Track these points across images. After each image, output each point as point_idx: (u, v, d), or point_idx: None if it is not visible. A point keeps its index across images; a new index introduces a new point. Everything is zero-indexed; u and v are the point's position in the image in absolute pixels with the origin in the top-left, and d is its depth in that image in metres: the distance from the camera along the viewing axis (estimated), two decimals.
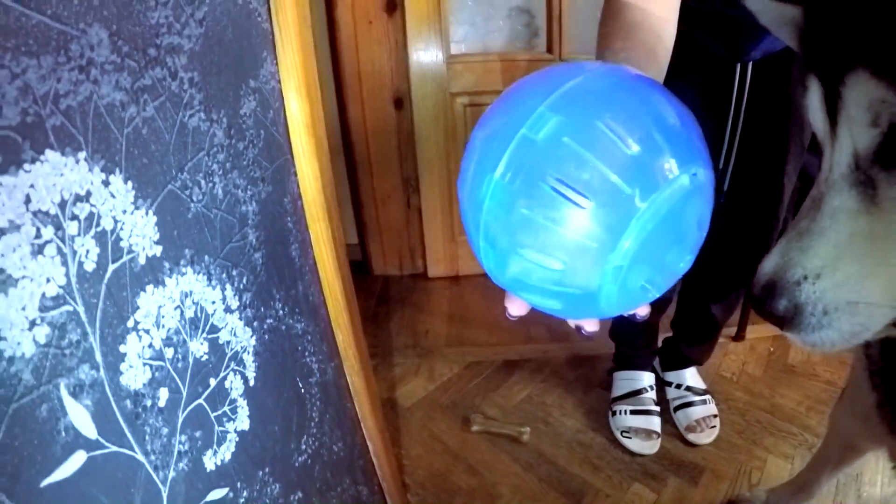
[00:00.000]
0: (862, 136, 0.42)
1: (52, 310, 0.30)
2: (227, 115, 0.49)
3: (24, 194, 0.28)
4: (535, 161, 0.34)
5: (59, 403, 0.30)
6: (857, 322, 0.44)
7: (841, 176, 0.44)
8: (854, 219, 0.43)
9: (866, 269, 0.43)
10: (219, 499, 0.48)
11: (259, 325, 0.55)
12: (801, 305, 0.43)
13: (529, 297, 0.40)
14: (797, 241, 0.45)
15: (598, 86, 0.36)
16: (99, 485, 0.34)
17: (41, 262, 0.29)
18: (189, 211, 0.43)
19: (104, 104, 0.34)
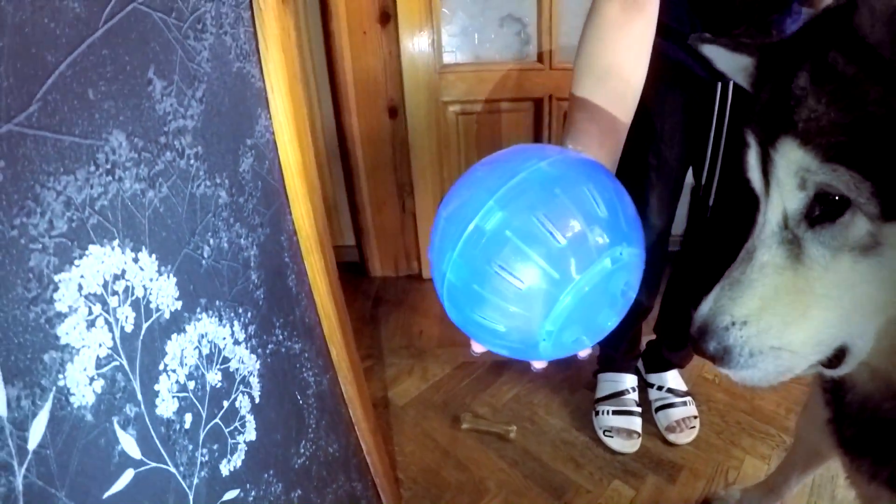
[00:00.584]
0: (790, 198, 0.48)
1: (105, 366, 0.41)
2: (228, 177, 0.59)
3: (77, 284, 0.38)
4: (483, 248, 0.44)
5: (112, 435, 0.41)
6: (780, 364, 0.50)
7: (771, 233, 0.51)
8: (779, 274, 0.50)
9: (788, 319, 0.49)
10: (232, 498, 0.59)
11: (262, 352, 0.66)
12: (730, 348, 0.50)
13: (484, 344, 0.51)
14: (728, 290, 0.52)
15: (540, 180, 0.46)
16: (143, 494, 0.45)
17: (94, 333, 0.40)
18: (202, 267, 0.54)
19: (128, 196, 0.43)
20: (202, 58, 0.55)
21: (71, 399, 0.37)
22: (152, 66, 0.47)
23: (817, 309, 0.49)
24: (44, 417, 0.35)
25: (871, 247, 0.45)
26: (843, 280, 0.47)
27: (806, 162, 0.45)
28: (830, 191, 0.45)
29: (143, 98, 0.46)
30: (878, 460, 0.61)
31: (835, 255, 0.47)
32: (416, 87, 1.76)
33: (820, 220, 0.47)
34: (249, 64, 0.66)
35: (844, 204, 0.45)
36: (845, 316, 0.49)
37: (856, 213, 0.44)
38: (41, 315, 0.35)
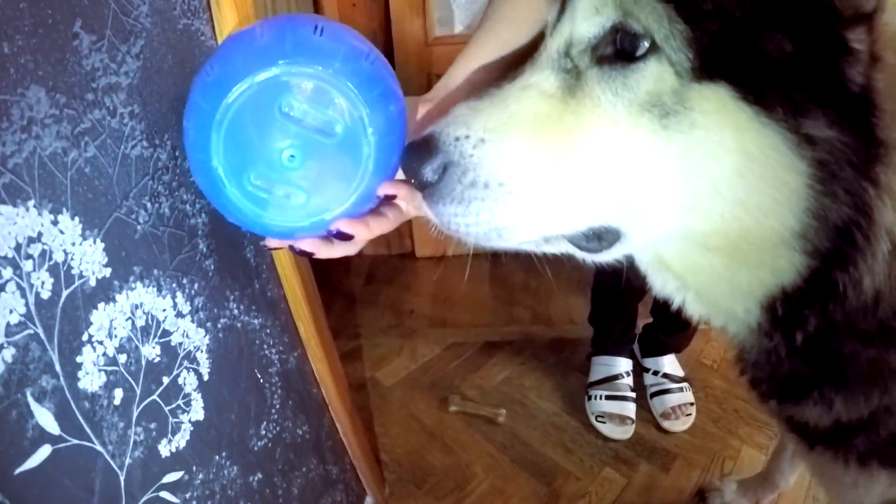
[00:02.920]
0: (580, 21, 0.40)
1: (16, 334, 0.39)
2: (170, 138, 0.57)
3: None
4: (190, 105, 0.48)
5: (26, 408, 0.40)
6: (500, 214, 0.40)
7: (548, 58, 0.43)
8: (544, 99, 0.41)
9: (538, 155, 0.40)
10: (174, 481, 0.58)
11: (213, 326, 0.65)
12: (451, 166, 0.40)
13: (228, 217, 0.52)
14: (473, 102, 0.43)
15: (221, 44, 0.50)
16: (63, 471, 0.44)
17: (3, 298, 0.38)
18: (136, 233, 0.52)
19: (47, 155, 0.42)
20: (140, 12, 0.53)
21: None
22: (79, 20, 0.45)
23: (583, 162, 0.40)
24: None
25: (675, 113, 0.37)
26: (632, 148, 0.39)
27: None
28: (632, 24, 0.37)
29: (68, 53, 0.44)
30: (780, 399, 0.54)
31: (629, 113, 0.38)
32: (405, 60, 1.73)
33: (612, 59, 0.39)
34: (199, 21, 0.64)
35: (648, 47, 0.37)
36: (621, 192, 0.40)
37: (661, 62, 0.37)
38: None
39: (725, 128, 0.36)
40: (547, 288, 1.80)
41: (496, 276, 1.90)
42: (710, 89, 0.36)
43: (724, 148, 0.37)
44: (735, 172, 0.37)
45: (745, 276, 0.43)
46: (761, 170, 0.37)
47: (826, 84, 0.35)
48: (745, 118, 0.35)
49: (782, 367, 0.49)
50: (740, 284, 0.44)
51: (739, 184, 0.38)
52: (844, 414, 0.48)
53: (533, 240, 0.43)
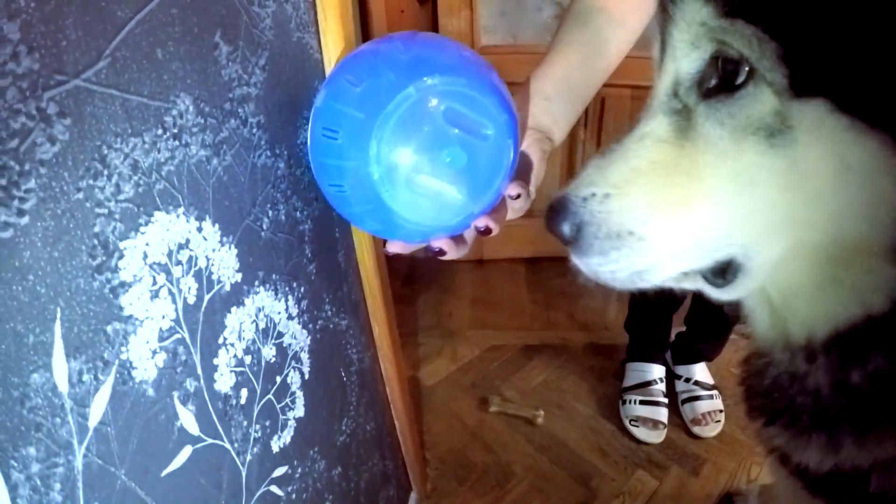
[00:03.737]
0: (682, 59, 0.39)
1: (167, 339, 0.37)
2: (287, 148, 0.56)
3: (142, 252, 0.35)
4: (315, 123, 0.48)
5: (173, 411, 0.38)
6: (638, 259, 0.41)
7: (658, 103, 0.42)
8: (659, 147, 0.40)
9: (661, 201, 0.40)
10: (281, 475, 0.56)
11: (313, 327, 0.63)
12: (584, 224, 0.41)
13: (361, 225, 0.51)
14: (598, 160, 0.42)
15: (351, 55, 0.49)
16: (200, 470, 0.42)
17: (157, 304, 0.36)
18: (261, 239, 0.50)
19: (194, 163, 0.40)
20: (265, 25, 0.51)
21: (133, 373, 0.34)
22: (219, 29, 0.44)
23: (703, 200, 0.39)
24: (105, 393, 0.32)
25: (779, 132, 0.35)
26: (743, 172, 0.37)
27: (702, 15, 0.36)
28: (728, 52, 0.36)
29: (210, 62, 0.43)
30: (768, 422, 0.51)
31: (735, 140, 0.37)
32: None
33: (716, 91, 0.37)
34: (308, 34, 0.62)
35: (746, 72, 0.35)
36: (739, 220, 0.39)
37: (759, 84, 0.35)
38: (105, 284, 0.32)
39: (824, 141, 0.34)
40: (582, 293, 1.76)
41: (533, 281, 1.87)
42: (809, 105, 0.34)
43: (824, 160, 0.35)
44: (836, 182, 0.35)
45: (835, 296, 0.40)
46: (859, 179, 0.34)
47: None
48: (842, 129, 0.33)
49: (805, 397, 0.46)
50: (822, 305, 0.41)
51: (840, 193, 0.36)
52: (847, 461, 0.44)
53: (671, 277, 0.43)
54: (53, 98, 0.28)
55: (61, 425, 0.28)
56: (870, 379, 0.40)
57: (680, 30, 0.38)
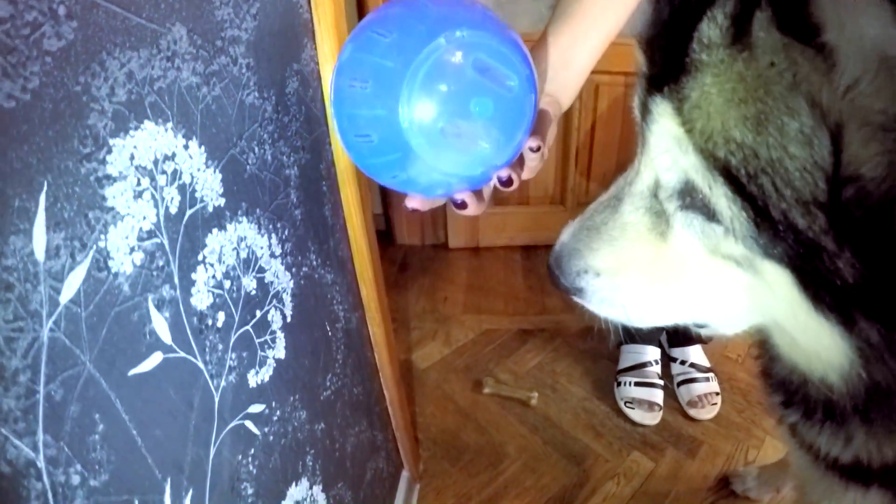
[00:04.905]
0: (661, 171, 0.42)
1: (146, 241, 0.40)
2: (275, 94, 0.59)
3: (130, 153, 0.38)
4: (341, 76, 0.49)
5: (146, 313, 0.40)
6: (631, 317, 0.49)
7: (639, 194, 0.46)
8: (639, 244, 0.46)
9: (643, 289, 0.47)
10: (257, 412, 0.58)
11: (296, 272, 0.65)
12: (582, 290, 0.49)
13: (385, 176, 0.51)
14: (586, 236, 0.49)
15: (378, 11, 0.50)
16: (170, 381, 0.44)
17: (140, 204, 0.39)
18: (246, 171, 0.53)
19: (184, 86, 0.44)
20: None
21: (110, 263, 0.36)
22: None
23: (677, 292, 0.46)
24: (80, 273, 0.34)
25: (746, 266, 0.39)
26: (713, 279, 0.42)
27: (683, 145, 0.36)
28: (702, 196, 0.37)
29: (204, 2, 0.47)
30: (783, 403, 0.57)
31: (709, 254, 0.41)
32: None
33: (693, 206, 0.40)
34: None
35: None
36: (710, 306, 0.46)
37: (729, 234, 0.37)
38: (92, 173, 0.34)
39: (784, 297, 0.38)
40: None
41: (528, 268, 1.89)
42: (776, 268, 0.36)
43: (783, 304, 0.39)
44: (791, 319, 0.40)
45: (806, 359, 0.46)
46: (810, 333, 0.39)
47: (887, 304, 0.33)
48: (801, 301, 0.37)
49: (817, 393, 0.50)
50: (804, 360, 0.47)
51: (796, 326, 0.41)
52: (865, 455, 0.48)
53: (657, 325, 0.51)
54: (64, 2, 0.32)
55: (32, 292, 0.30)
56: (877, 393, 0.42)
57: (657, 145, 0.40)
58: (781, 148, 0.30)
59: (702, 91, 0.34)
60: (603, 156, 1.89)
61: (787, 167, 0.31)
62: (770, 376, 0.60)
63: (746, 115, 0.32)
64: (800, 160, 0.30)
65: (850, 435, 0.49)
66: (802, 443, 0.56)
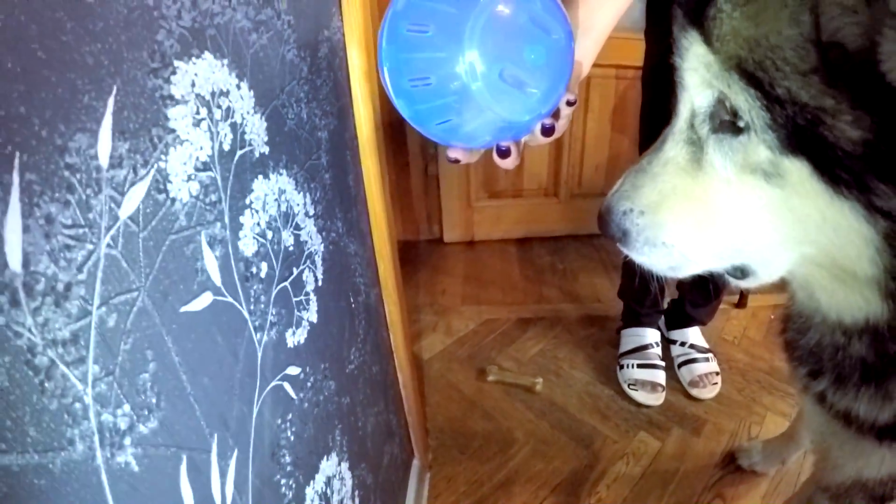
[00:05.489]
0: (696, 94, 0.45)
1: (202, 172, 0.38)
2: (310, 55, 0.58)
3: (191, 80, 0.36)
4: (396, 22, 0.48)
5: (199, 248, 0.39)
6: (671, 260, 0.50)
7: (679, 129, 0.49)
8: (679, 175, 0.48)
9: (682, 222, 0.48)
10: (294, 374, 0.56)
11: (326, 235, 0.64)
12: (627, 232, 0.50)
13: (434, 122, 0.51)
14: (633, 177, 0.51)
15: None
16: (218, 326, 0.42)
17: (198, 133, 0.37)
18: (286, 125, 0.52)
19: (238, 27, 0.43)
20: None
21: (168, 187, 0.35)
22: None
23: (713, 221, 0.47)
24: (142, 189, 0.32)
25: (773, 175, 0.41)
26: (744, 200, 0.44)
27: (707, 60, 0.42)
28: (729, 102, 0.42)
29: None
30: (811, 374, 0.59)
31: (738, 173, 0.43)
32: None
33: (724, 127, 0.44)
34: None
35: (745, 122, 0.41)
36: (744, 238, 0.47)
37: (754, 135, 0.41)
38: (157, 89, 0.33)
39: (807, 195, 0.40)
40: (573, 269, 1.79)
41: (524, 259, 1.89)
42: (795, 163, 0.39)
43: (808, 208, 0.41)
44: (819, 226, 0.42)
45: (844, 295, 0.47)
46: (836, 230, 0.40)
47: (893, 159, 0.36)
48: (821, 190, 0.39)
49: (847, 361, 0.52)
50: (839, 301, 0.48)
51: (823, 232, 0.42)
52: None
53: (699, 272, 0.52)
54: None
55: (93, 197, 0.28)
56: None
57: (689, 69, 0.44)
58: (776, 32, 0.36)
59: (718, 8, 0.40)
60: (595, 148, 1.91)
61: (783, 46, 0.36)
62: (795, 349, 0.62)
63: (749, 14, 0.38)
64: (792, 38, 0.36)
65: (889, 394, 0.50)
66: (832, 410, 0.57)
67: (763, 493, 1.12)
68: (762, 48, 0.37)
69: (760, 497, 1.11)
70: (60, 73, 0.26)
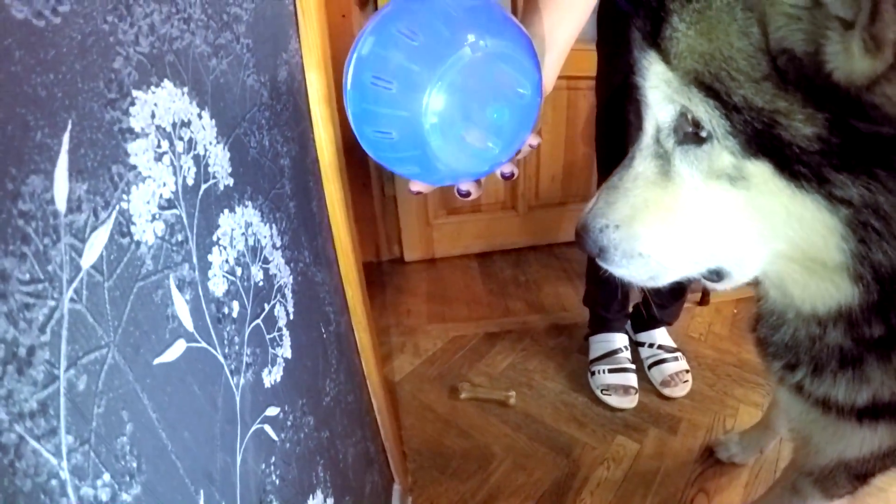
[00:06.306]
0: (658, 110, 0.48)
1: (167, 210, 0.36)
2: (269, 80, 0.56)
3: (151, 110, 0.34)
4: (361, 69, 0.47)
5: (168, 292, 0.36)
6: (649, 270, 0.51)
7: (646, 146, 0.51)
8: (649, 188, 0.50)
9: (656, 232, 0.50)
10: (274, 415, 0.53)
11: (294, 266, 0.61)
12: (605, 248, 0.52)
13: (397, 168, 0.51)
14: (606, 195, 0.53)
15: (400, 7, 0.49)
16: (194, 375, 0.39)
17: (160, 168, 0.35)
18: (248, 154, 0.49)
19: (197, 53, 0.40)
20: None
21: (132, 229, 0.32)
22: None
23: (686, 228, 0.49)
24: (103, 235, 0.29)
25: (739, 179, 0.43)
26: (713, 205, 0.46)
27: (667, 77, 0.44)
28: (690, 114, 0.44)
29: None
30: (787, 367, 0.62)
31: (705, 180, 0.45)
32: None
33: (687, 139, 0.46)
34: None
35: (707, 131, 0.43)
36: (717, 241, 0.48)
37: (716, 143, 0.43)
38: (116, 122, 0.30)
39: (771, 193, 0.42)
40: (536, 280, 1.80)
41: (487, 273, 1.89)
42: (757, 165, 0.41)
43: (773, 205, 0.43)
44: (785, 221, 0.43)
45: (816, 286, 0.49)
46: (802, 223, 0.42)
47: (851, 151, 0.38)
48: (784, 187, 0.41)
49: (824, 350, 0.54)
50: (812, 292, 0.50)
51: (790, 226, 0.44)
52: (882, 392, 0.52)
53: (677, 279, 0.53)
54: None
55: (52, 247, 0.25)
56: (887, 330, 0.47)
57: (651, 88, 0.47)
58: (728, 45, 0.39)
59: (673, 28, 0.42)
60: (551, 159, 1.94)
61: (735, 57, 0.39)
62: (769, 345, 0.64)
63: (702, 31, 0.40)
64: (743, 49, 0.38)
65: (866, 377, 0.52)
66: (811, 398, 0.59)
67: (745, 483, 1.14)
68: (717, 61, 0.40)
69: (742, 487, 1.13)
70: (10, 108, 0.23)
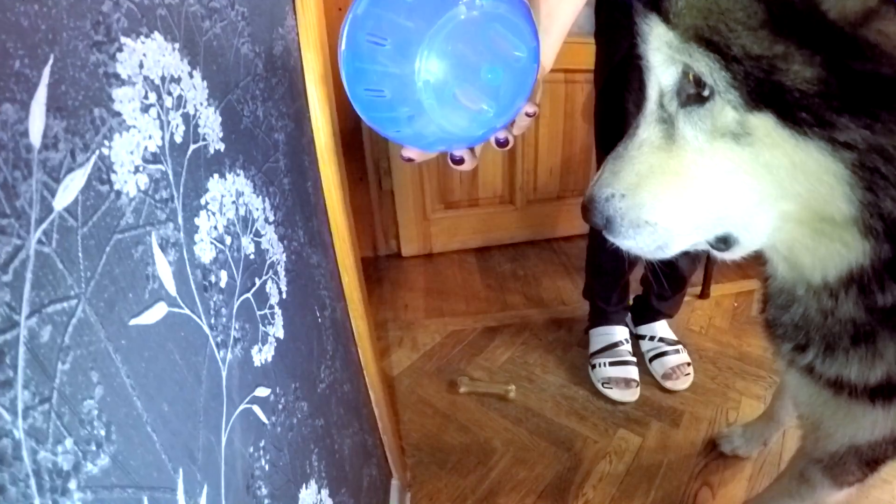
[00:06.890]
0: (661, 74, 0.47)
1: (151, 164, 0.34)
2: (265, 52, 0.54)
3: (139, 60, 0.32)
4: (356, 28, 0.46)
5: (149, 250, 0.34)
6: (657, 239, 0.50)
7: (650, 112, 0.51)
8: (654, 154, 0.50)
9: (662, 198, 0.49)
10: (264, 397, 0.51)
11: (288, 244, 0.59)
12: (611, 218, 0.51)
13: (390, 131, 0.50)
14: (612, 164, 0.52)
15: None
16: (175, 342, 0.37)
17: (146, 120, 0.33)
18: (241, 122, 0.48)
19: (190, 11, 0.39)
20: None
21: (113, 178, 0.30)
22: None
23: (692, 192, 0.48)
24: (80, 177, 0.27)
25: (742, 135, 0.43)
26: (718, 166, 0.46)
27: (668, 38, 0.44)
28: (693, 72, 0.44)
29: None
30: (797, 348, 0.61)
31: (709, 140, 0.45)
32: None
33: (690, 100, 0.46)
34: None
35: (710, 88, 0.43)
36: (724, 204, 0.48)
37: (719, 99, 0.43)
38: (101, 65, 0.29)
39: (775, 145, 0.42)
40: (535, 274, 1.78)
41: (485, 268, 1.88)
42: (759, 117, 0.41)
43: (778, 159, 0.42)
44: (791, 175, 0.43)
45: (826, 248, 0.48)
46: (807, 174, 0.42)
47: (852, 93, 0.38)
48: (787, 136, 0.40)
49: (836, 326, 0.54)
50: (822, 255, 0.49)
51: (797, 182, 0.43)
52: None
53: (685, 248, 0.52)
54: None
55: (22, 182, 0.23)
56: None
57: (653, 50, 0.47)
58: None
59: None
60: (549, 152, 1.93)
61: (732, 8, 0.39)
62: (778, 326, 0.63)
63: None
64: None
65: (879, 353, 0.51)
66: (822, 379, 0.58)
67: (748, 476, 1.13)
68: (714, 14, 0.40)
69: (746, 480, 1.12)
70: None
